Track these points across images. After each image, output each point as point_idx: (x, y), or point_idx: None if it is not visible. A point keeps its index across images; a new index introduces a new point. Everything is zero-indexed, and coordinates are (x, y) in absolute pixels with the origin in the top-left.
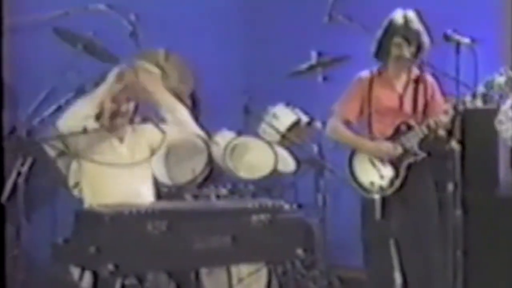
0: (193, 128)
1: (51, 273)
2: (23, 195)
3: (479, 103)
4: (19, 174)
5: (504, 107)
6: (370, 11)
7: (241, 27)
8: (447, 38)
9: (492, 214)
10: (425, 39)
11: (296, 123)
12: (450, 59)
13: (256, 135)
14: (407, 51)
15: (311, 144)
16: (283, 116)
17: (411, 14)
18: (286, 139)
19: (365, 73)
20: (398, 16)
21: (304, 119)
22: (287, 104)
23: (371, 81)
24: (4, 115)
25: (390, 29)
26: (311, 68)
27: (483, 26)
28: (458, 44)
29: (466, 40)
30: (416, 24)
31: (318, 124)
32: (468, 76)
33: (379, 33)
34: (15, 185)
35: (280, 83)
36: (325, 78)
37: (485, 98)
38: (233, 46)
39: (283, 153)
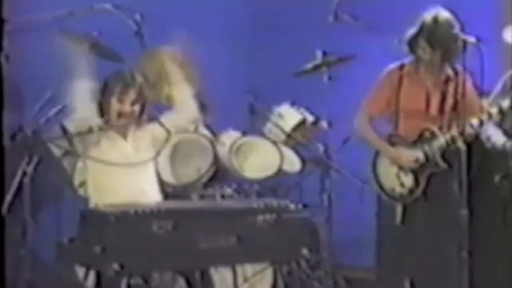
0: (192, 111)
1: (56, 273)
2: (28, 195)
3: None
4: (24, 173)
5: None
6: (375, 10)
7: (246, 27)
8: (453, 29)
9: (498, 215)
10: (455, 44)
11: (302, 123)
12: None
13: (262, 135)
14: (430, 56)
15: (317, 143)
16: (289, 116)
17: (443, 16)
18: (292, 139)
19: (395, 66)
20: (429, 16)
21: (310, 118)
22: (293, 104)
23: (401, 76)
24: (10, 115)
25: (419, 30)
26: (317, 67)
27: (484, 26)
28: (464, 43)
29: (472, 40)
30: (445, 28)
31: (323, 124)
32: (474, 76)
33: (410, 31)
34: (20, 185)
35: (286, 83)
36: (330, 78)
37: None
38: (238, 46)
39: (288, 152)
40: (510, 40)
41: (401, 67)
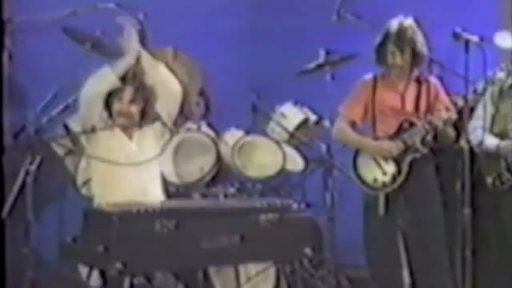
0: (178, 91)
1: (59, 272)
2: (31, 194)
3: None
4: (27, 172)
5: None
6: (378, 9)
7: (249, 26)
8: (456, 36)
9: (501, 214)
10: (421, 47)
11: (304, 122)
12: (459, 57)
13: (264, 134)
14: (400, 59)
15: (320, 143)
16: (291, 115)
17: (407, 23)
18: (294, 138)
19: (368, 76)
20: (393, 24)
21: (312, 118)
22: (295, 103)
23: (374, 83)
24: (13, 114)
25: (385, 37)
26: (319, 66)
27: (486, 26)
28: (467, 42)
29: (475, 39)
30: (411, 33)
31: (326, 123)
32: (477, 75)
33: (377, 40)
34: (23, 184)
35: (288, 82)
36: (333, 77)
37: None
38: (241, 45)
39: (291, 152)
40: (505, 44)
41: (374, 76)
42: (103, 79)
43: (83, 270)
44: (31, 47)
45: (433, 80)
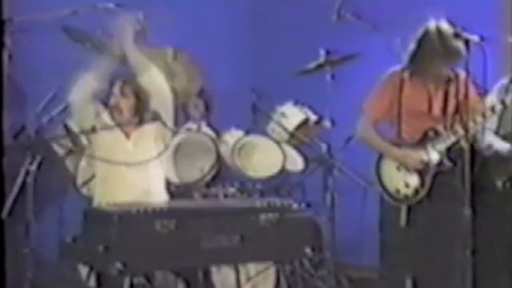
0: (167, 92)
1: (59, 272)
2: (31, 194)
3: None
4: (27, 173)
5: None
6: (379, 9)
7: (249, 26)
8: (456, 36)
9: (501, 213)
10: (463, 50)
11: (305, 122)
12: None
13: (265, 134)
14: (446, 69)
15: (320, 143)
16: (292, 115)
17: (446, 27)
18: (295, 138)
19: (396, 70)
20: (434, 32)
21: (313, 118)
22: (296, 103)
23: (402, 79)
24: (13, 114)
25: (428, 47)
26: (320, 66)
27: (487, 25)
28: (467, 42)
29: (475, 39)
30: (453, 39)
31: (326, 123)
32: (476, 75)
33: (412, 46)
34: (23, 184)
35: (289, 82)
36: (333, 77)
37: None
38: (241, 45)
39: (291, 152)
40: None
41: (402, 69)
42: (83, 86)
43: (83, 270)
44: (30, 47)
45: (462, 75)
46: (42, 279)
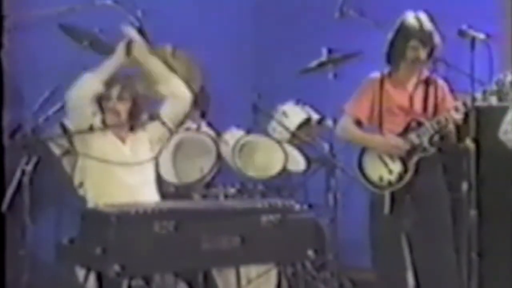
0: (188, 101)
1: (56, 274)
2: (27, 195)
3: (493, 101)
4: (23, 173)
5: (508, 117)
6: (382, 6)
7: (250, 23)
8: (462, 34)
9: (508, 215)
10: (438, 39)
11: (306, 121)
12: (464, 55)
13: (266, 133)
14: (423, 54)
15: (322, 142)
16: (293, 114)
17: (423, 15)
18: (296, 138)
19: (375, 74)
20: (411, 18)
21: (315, 117)
22: (297, 102)
23: (382, 81)
24: (9, 113)
25: (405, 32)
26: (322, 65)
27: (490, 23)
28: (473, 40)
29: (481, 36)
30: (429, 25)
31: (329, 122)
32: (483, 73)
33: (390, 35)
34: (19, 184)
35: (290, 81)
36: (336, 75)
37: (500, 95)
38: (241, 43)
39: (293, 152)
40: None
41: (381, 75)
42: (85, 85)
43: (81, 272)
44: (27, 44)
45: (441, 82)
46: (38, 282)
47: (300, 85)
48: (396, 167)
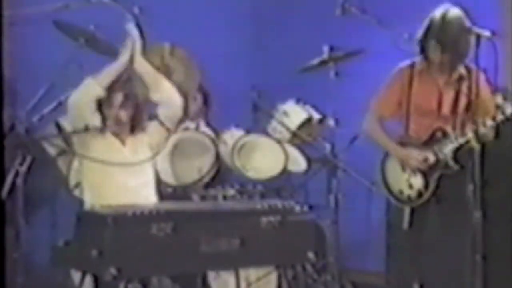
0: (179, 106)
1: (51, 277)
2: (22, 196)
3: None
4: (17, 174)
5: None
6: (384, 2)
7: (249, 21)
8: (466, 29)
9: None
10: (464, 45)
11: (307, 121)
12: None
13: (266, 133)
14: (440, 57)
15: (323, 142)
16: (294, 114)
17: (452, 13)
18: (297, 138)
19: (406, 65)
20: (437, 15)
21: (316, 116)
22: (298, 101)
23: (411, 75)
24: (2, 112)
25: (428, 29)
26: (323, 63)
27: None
28: (478, 37)
29: (486, 33)
30: (455, 27)
31: (330, 122)
32: (488, 70)
33: (420, 34)
34: (13, 185)
35: (291, 79)
36: (337, 74)
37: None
38: (241, 40)
39: (293, 152)
40: None
41: (412, 65)
42: (87, 90)
43: (76, 275)
44: (21, 41)
45: (475, 72)
46: (33, 285)
47: (301, 84)
48: (417, 182)
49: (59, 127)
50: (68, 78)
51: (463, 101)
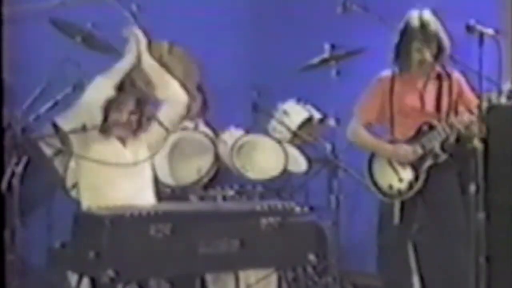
0: (185, 105)
1: (47, 280)
2: (17, 197)
3: (503, 100)
4: (13, 174)
5: None
6: (386, 1)
7: (249, 19)
8: (469, 29)
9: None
10: (445, 38)
11: (308, 120)
12: (472, 51)
13: (266, 133)
14: (429, 55)
15: (324, 142)
16: (294, 113)
17: (427, 15)
18: (297, 137)
19: (385, 73)
20: (414, 18)
21: (317, 116)
22: (298, 100)
23: (392, 80)
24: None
25: (408, 34)
26: (324, 61)
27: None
28: (481, 35)
29: (489, 31)
30: (434, 25)
31: (331, 121)
32: (491, 69)
33: (395, 38)
34: (9, 186)
35: (291, 78)
36: (338, 72)
37: (511, 94)
38: (240, 39)
39: (294, 152)
40: None
41: (392, 73)
42: (98, 89)
43: (73, 277)
44: (16, 39)
45: (456, 74)
46: (29, 287)
47: (302, 83)
48: (407, 175)
49: (55, 126)
50: (64, 77)
51: (445, 100)
